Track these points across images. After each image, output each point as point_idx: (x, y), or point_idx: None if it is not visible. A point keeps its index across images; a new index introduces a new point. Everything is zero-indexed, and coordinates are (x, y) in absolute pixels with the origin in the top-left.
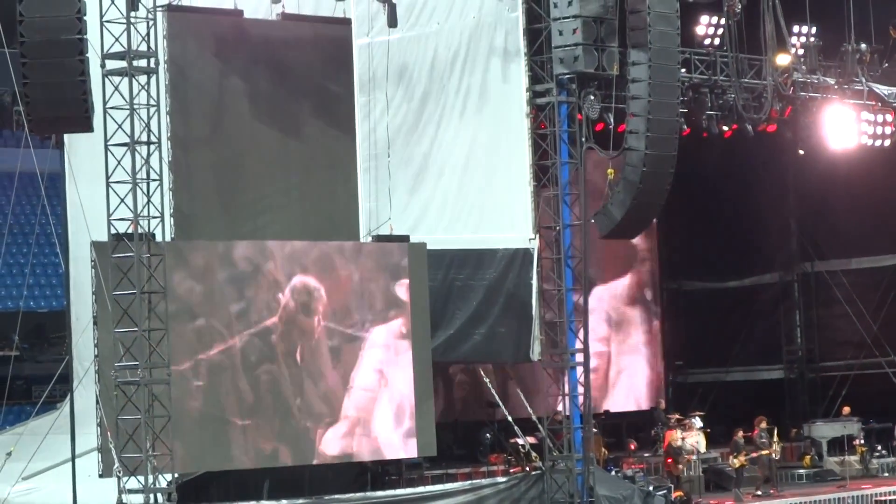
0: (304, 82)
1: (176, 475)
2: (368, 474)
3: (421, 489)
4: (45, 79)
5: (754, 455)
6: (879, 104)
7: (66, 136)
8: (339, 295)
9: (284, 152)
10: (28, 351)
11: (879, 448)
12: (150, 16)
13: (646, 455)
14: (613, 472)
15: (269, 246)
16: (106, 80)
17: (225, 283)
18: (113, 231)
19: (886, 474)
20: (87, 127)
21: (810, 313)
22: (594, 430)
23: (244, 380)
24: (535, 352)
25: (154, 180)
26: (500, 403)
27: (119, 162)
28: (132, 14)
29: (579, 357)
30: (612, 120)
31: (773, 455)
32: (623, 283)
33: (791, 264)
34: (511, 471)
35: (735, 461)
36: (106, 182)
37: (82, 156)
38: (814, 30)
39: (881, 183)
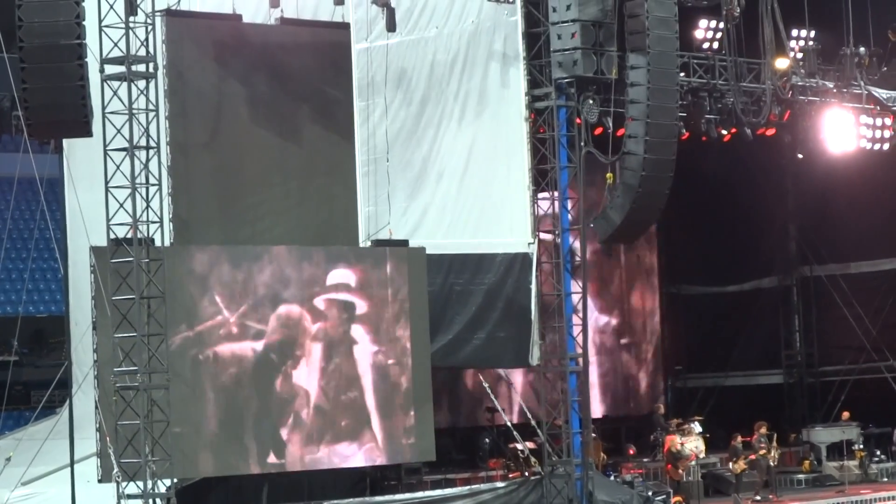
0: (303, 87)
1: (175, 480)
2: (367, 480)
3: (420, 494)
4: (45, 84)
5: (752, 458)
6: (878, 108)
7: (65, 141)
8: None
9: (283, 157)
10: (27, 356)
11: (879, 453)
12: (149, 20)
13: (645, 460)
14: (612, 478)
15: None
16: (105, 84)
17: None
18: (112, 236)
19: (885, 479)
20: (86, 132)
21: (809, 318)
22: (593, 435)
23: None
24: (535, 357)
25: (153, 185)
26: (500, 408)
27: (118, 167)
28: (131, 19)
29: (578, 362)
30: (610, 124)
31: (772, 461)
32: (622, 288)
33: (790, 268)
34: (510, 476)
35: (735, 466)
36: (105, 187)
37: (81, 161)
38: (812, 33)
39: (880, 187)
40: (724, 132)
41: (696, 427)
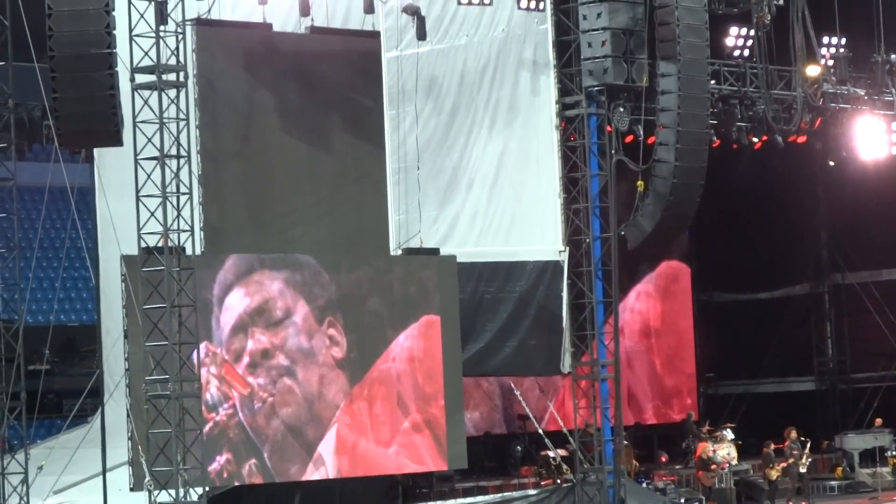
0: (334, 95)
1: (207, 488)
2: (399, 487)
3: (452, 502)
4: (75, 93)
5: (783, 465)
6: None
7: (95, 151)
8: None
9: (314, 165)
10: (59, 365)
11: None
12: (180, 29)
13: (677, 467)
14: (644, 485)
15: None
16: (135, 93)
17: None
18: (143, 245)
19: None
20: (117, 141)
21: (841, 324)
22: (625, 442)
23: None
24: (566, 364)
25: (184, 194)
26: (532, 416)
27: (149, 176)
28: (161, 28)
29: (610, 369)
30: (641, 132)
31: (801, 468)
32: (654, 296)
33: (822, 275)
34: (542, 483)
35: (772, 473)
36: (136, 196)
37: (112, 170)
38: (843, 40)
39: None
40: (756, 140)
41: (729, 434)
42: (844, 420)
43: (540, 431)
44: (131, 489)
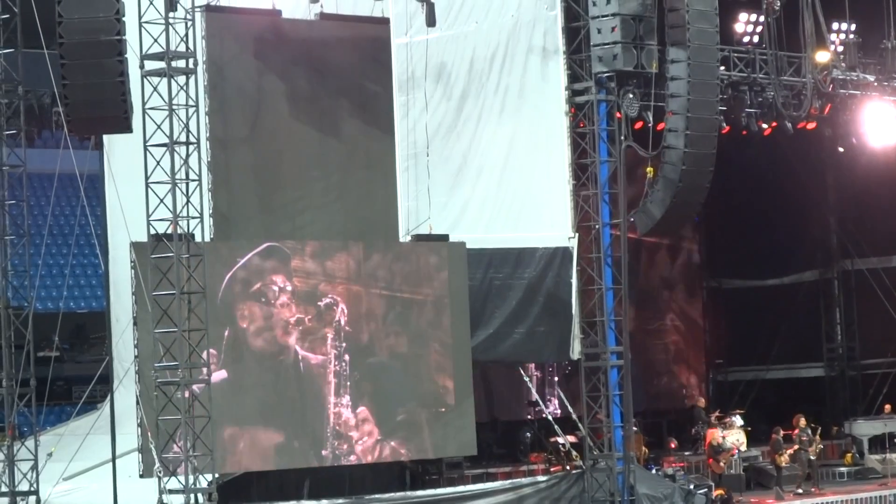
0: (343, 82)
1: (216, 475)
2: (408, 473)
3: (461, 488)
4: (84, 80)
5: (791, 452)
6: None
7: (105, 137)
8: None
9: (323, 152)
10: (68, 352)
11: None
12: (189, 16)
13: (686, 454)
14: (654, 471)
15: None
16: (145, 80)
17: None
18: (152, 231)
19: None
20: (126, 128)
21: (850, 311)
22: (634, 428)
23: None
24: (576, 351)
25: (193, 180)
26: (541, 402)
27: (158, 162)
28: (171, 15)
29: (619, 356)
30: (651, 118)
31: (811, 455)
32: (663, 282)
33: (831, 262)
34: (551, 470)
35: (781, 459)
36: (145, 182)
37: (121, 156)
38: (853, 26)
39: None
40: (765, 126)
41: (738, 420)
42: (854, 406)
43: (549, 418)
44: (141, 476)
